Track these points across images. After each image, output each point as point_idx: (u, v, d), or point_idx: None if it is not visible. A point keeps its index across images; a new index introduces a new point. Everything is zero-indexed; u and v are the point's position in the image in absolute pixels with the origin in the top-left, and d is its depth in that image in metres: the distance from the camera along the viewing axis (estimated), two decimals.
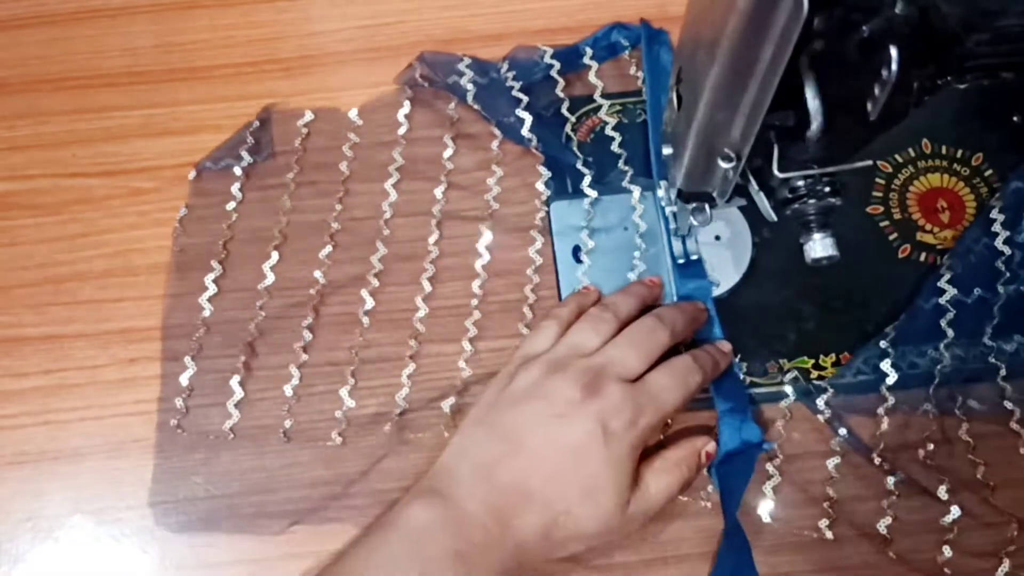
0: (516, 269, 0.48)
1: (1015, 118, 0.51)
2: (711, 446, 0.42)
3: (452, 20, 0.55)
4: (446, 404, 0.45)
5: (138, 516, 0.44)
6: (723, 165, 0.35)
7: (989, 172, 0.50)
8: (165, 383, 0.46)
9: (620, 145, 0.50)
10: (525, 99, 0.50)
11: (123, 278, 0.49)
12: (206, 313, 0.48)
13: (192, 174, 0.51)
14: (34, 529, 0.44)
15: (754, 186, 0.36)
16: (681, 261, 0.47)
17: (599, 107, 0.52)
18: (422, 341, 0.47)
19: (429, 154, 0.51)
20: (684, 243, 0.47)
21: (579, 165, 0.50)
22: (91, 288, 0.48)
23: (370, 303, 0.48)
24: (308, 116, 0.52)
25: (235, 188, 0.50)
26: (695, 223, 0.43)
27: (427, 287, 0.48)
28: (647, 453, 0.41)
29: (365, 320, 0.47)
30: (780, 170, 0.34)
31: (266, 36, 0.55)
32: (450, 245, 0.49)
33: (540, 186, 0.50)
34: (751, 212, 0.48)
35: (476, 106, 0.51)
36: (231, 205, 0.50)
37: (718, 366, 0.43)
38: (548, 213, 0.49)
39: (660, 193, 0.48)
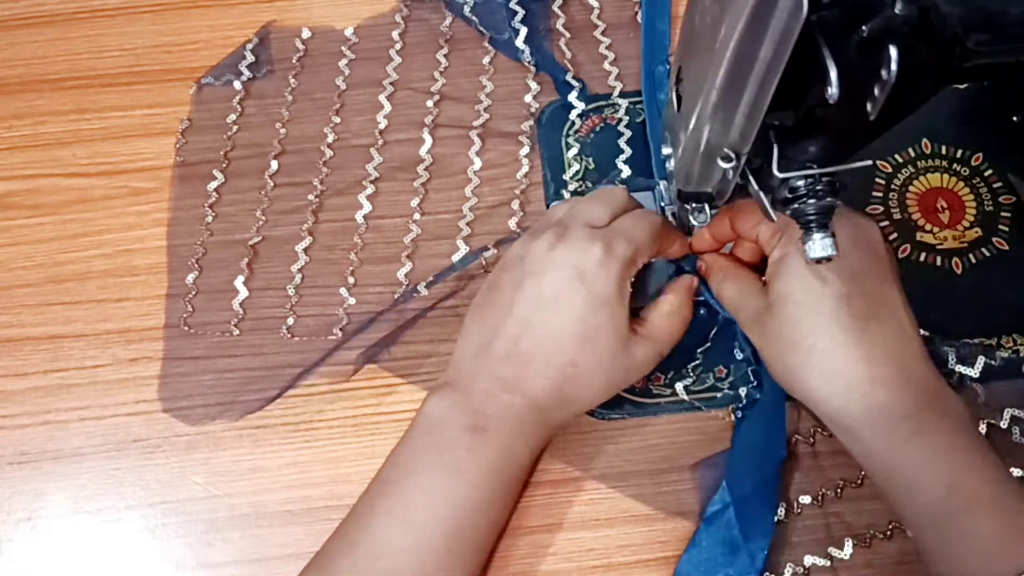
0: (506, 174, 0.51)
1: (1015, 118, 0.51)
2: (696, 280, 0.44)
3: None
4: (421, 286, 0.47)
5: (138, 516, 0.44)
6: (723, 165, 0.35)
7: (989, 172, 0.50)
8: (172, 284, 0.48)
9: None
10: (522, 12, 0.53)
11: (123, 278, 0.49)
12: (209, 219, 0.49)
13: (193, 88, 0.52)
14: (34, 529, 0.44)
15: (754, 186, 0.36)
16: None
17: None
18: (417, 242, 0.49)
19: (422, 68, 0.53)
20: None
21: (568, 78, 0.52)
22: (91, 288, 0.48)
23: (367, 207, 0.50)
24: (306, 33, 0.54)
25: (235, 102, 0.52)
26: (695, 223, 0.43)
27: (421, 192, 0.50)
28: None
29: (362, 223, 0.49)
30: (780, 170, 0.34)
31: None
32: (442, 153, 0.51)
33: (528, 98, 0.52)
34: None
35: (473, 18, 0.53)
36: (231, 117, 0.52)
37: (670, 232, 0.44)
38: (538, 120, 0.52)
39: (660, 193, 0.48)
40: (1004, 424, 0.44)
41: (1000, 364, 0.45)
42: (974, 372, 0.45)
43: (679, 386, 0.45)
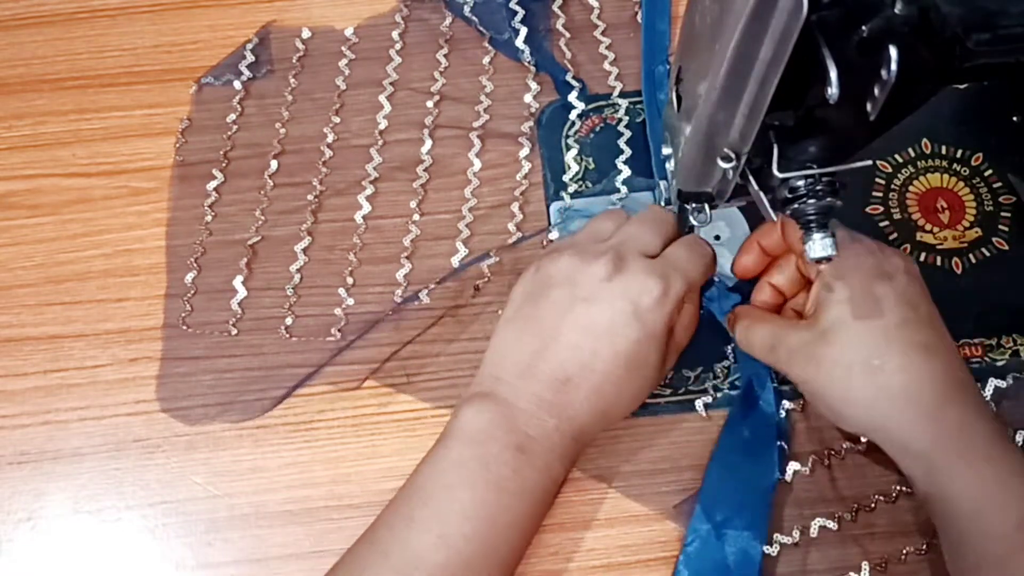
0: (505, 175, 0.50)
1: (1015, 118, 0.51)
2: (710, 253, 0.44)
3: None
4: (423, 294, 0.47)
5: (138, 516, 0.44)
6: (723, 165, 0.35)
7: (989, 172, 0.50)
8: (171, 284, 0.48)
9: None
10: (522, 12, 0.53)
11: (123, 278, 0.49)
12: (208, 219, 0.49)
13: (193, 88, 0.52)
14: (34, 529, 0.44)
15: (754, 186, 0.36)
16: None
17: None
18: (417, 243, 0.49)
19: (422, 68, 0.53)
20: None
21: (568, 78, 0.52)
22: (91, 288, 0.48)
23: (367, 208, 0.50)
24: (306, 33, 0.54)
25: (235, 102, 0.52)
26: (695, 223, 0.43)
27: (421, 193, 0.50)
28: None
29: (362, 224, 0.49)
30: (780, 170, 0.34)
31: None
32: (442, 154, 0.51)
33: (528, 98, 0.52)
34: (751, 212, 0.48)
35: (473, 18, 0.53)
36: (231, 117, 0.52)
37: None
38: (538, 120, 0.52)
39: (660, 193, 0.48)
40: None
41: (1011, 384, 0.45)
42: (985, 393, 0.45)
43: (698, 403, 0.45)
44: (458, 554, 0.36)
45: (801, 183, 0.34)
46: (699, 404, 0.45)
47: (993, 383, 0.45)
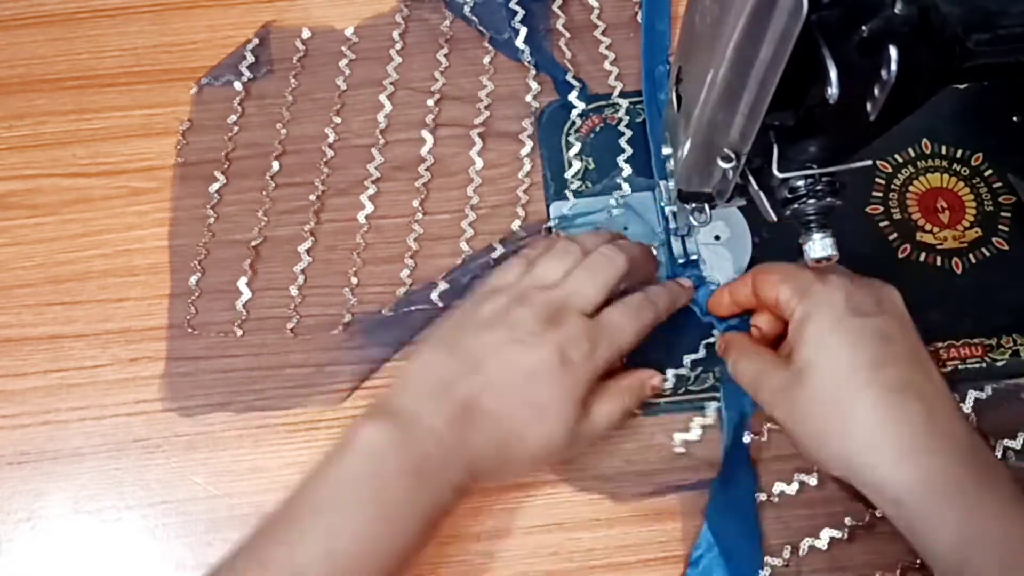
0: (507, 174, 0.51)
1: (1015, 118, 0.51)
2: (657, 379, 0.44)
3: None
4: (435, 293, 0.47)
5: (138, 516, 0.44)
6: (723, 165, 0.35)
7: (989, 172, 0.50)
8: (175, 285, 0.48)
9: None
10: (522, 12, 0.53)
11: (123, 278, 0.49)
12: (210, 220, 0.49)
13: (194, 90, 0.52)
14: (34, 529, 0.44)
15: (754, 186, 0.36)
16: (681, 261, 0.47)
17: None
18: (420, 242, 0.49)
19: (423, 68, 0.53)
20: (684, 243, 0.47)
21: (568, 78, 0.52)
22: (91, 288, 0.49)
23: (369, 208, 0.50)
24: (306, 34, 0.54)
25: (235, 102, 0.52)
26: (695, 223, 0.43)
27: (423, 192, 0.50)
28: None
29: (364, 223, 0.49)
30: (780, 170, 0.34)
31: None
32: (443, 153, 0.51)
33: (529, 98, 0.52)
34: (751, 212, 0.48)
35: (473, 18, 0.53)
36: (232, 118, 0.52)
37: (676, 302, 0.45)
38: (538, 120, 0.52)
39: (660, 193, 0.48)
40: (998, 455, 0.44)
41: (990, 394, 0.45)
42: (966, 406, 0.44)
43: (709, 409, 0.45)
44: (339, 573, 0.36)
45: (801, 183, 0.34)
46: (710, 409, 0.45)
47: (973, 395, 0.44)
